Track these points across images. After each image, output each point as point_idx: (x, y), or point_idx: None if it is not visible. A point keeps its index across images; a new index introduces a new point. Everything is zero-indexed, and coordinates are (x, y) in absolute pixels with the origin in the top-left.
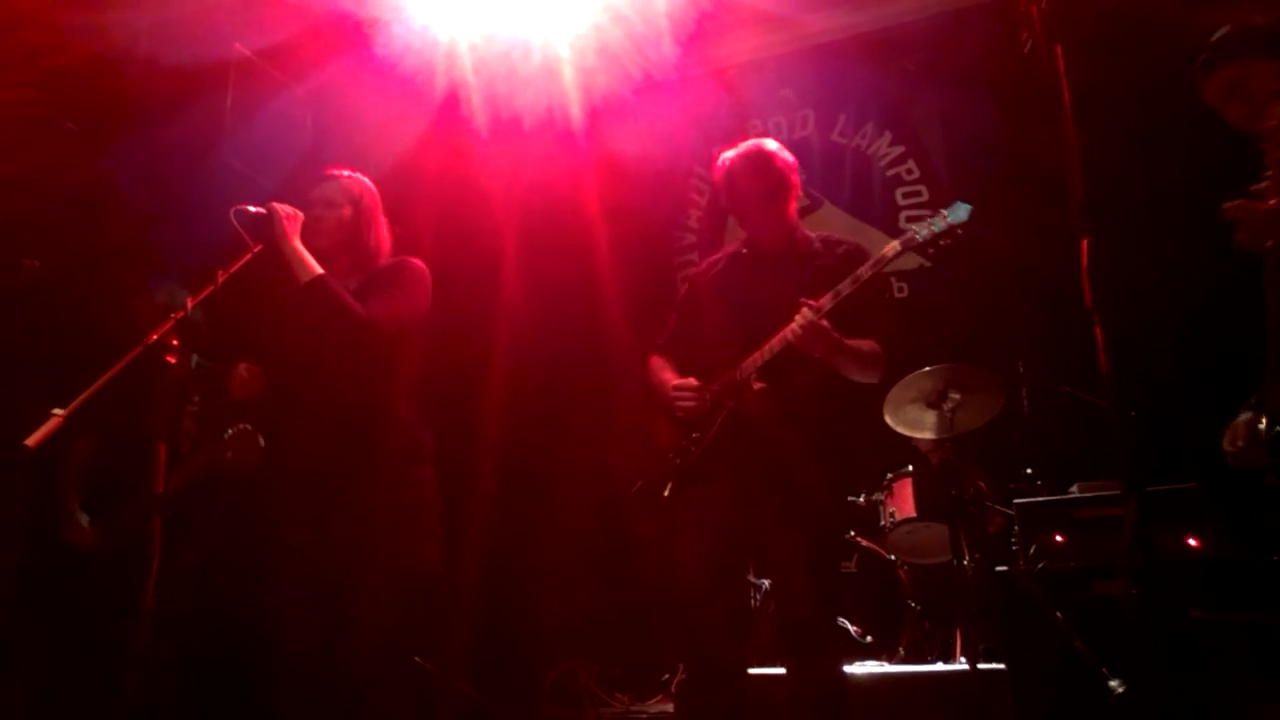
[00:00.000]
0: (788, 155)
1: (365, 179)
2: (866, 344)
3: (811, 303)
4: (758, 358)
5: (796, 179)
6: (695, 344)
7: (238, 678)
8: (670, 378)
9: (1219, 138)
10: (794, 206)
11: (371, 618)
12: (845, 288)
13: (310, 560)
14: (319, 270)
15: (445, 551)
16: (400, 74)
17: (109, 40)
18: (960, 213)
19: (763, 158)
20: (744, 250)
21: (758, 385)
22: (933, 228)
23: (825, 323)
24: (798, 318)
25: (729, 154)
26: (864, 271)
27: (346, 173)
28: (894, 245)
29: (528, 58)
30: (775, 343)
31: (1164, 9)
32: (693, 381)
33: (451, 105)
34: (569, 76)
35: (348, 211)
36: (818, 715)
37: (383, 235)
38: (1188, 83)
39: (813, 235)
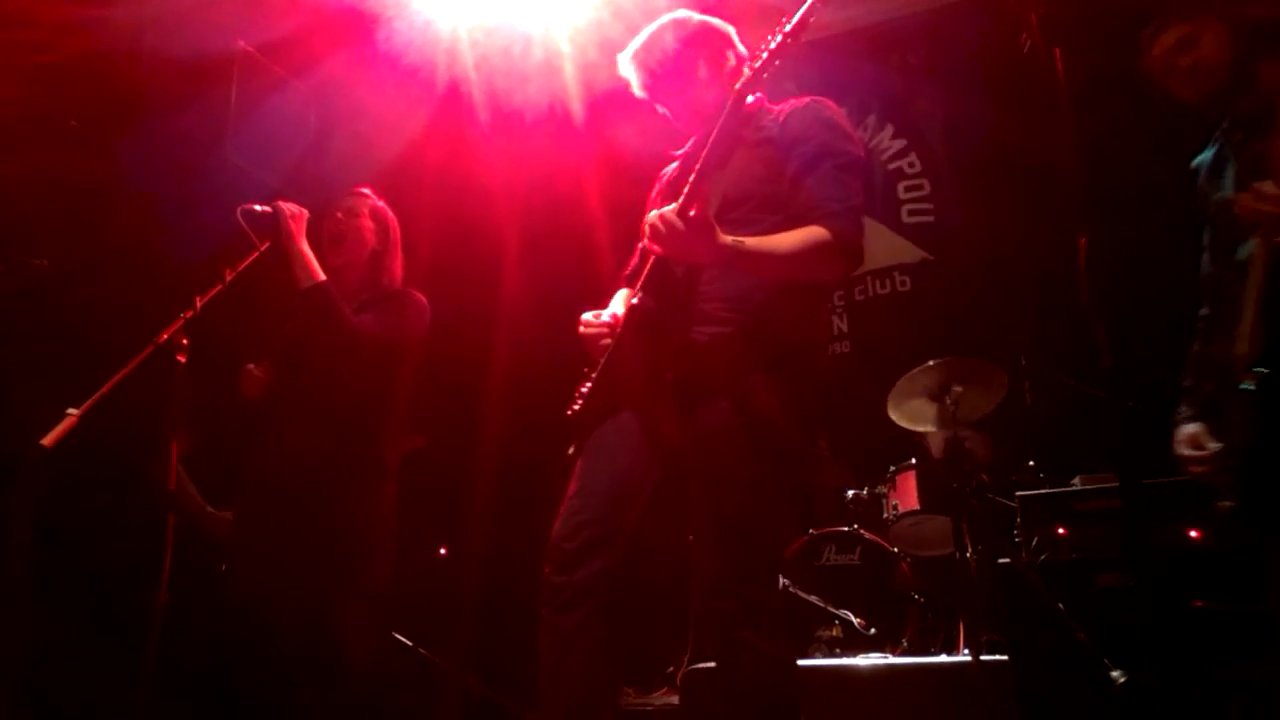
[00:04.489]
0: (685, 20)
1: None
2: (791, 235)
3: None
4: (641, 269)
5: (693, 48)
6: None
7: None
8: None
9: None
10: (701, 77)
11: (337, 618)
12: (711, 159)
13: (276, 557)
14: (321, 276)
15: (429, 554)
16: (403, 69)
17: (112, 36)
18: None
19: (646, 46)
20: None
21: (634, 299)
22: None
23: (672, 217)
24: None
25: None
26: (718, 136)
27: (374, 199)
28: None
29: (529, 52)
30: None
31: (1164, 8)
32: (607, 314)
33: (453, 100)
34: (570, 71)
35: (369, 225)
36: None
37: (399, 268)
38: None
39: (776, 109)
